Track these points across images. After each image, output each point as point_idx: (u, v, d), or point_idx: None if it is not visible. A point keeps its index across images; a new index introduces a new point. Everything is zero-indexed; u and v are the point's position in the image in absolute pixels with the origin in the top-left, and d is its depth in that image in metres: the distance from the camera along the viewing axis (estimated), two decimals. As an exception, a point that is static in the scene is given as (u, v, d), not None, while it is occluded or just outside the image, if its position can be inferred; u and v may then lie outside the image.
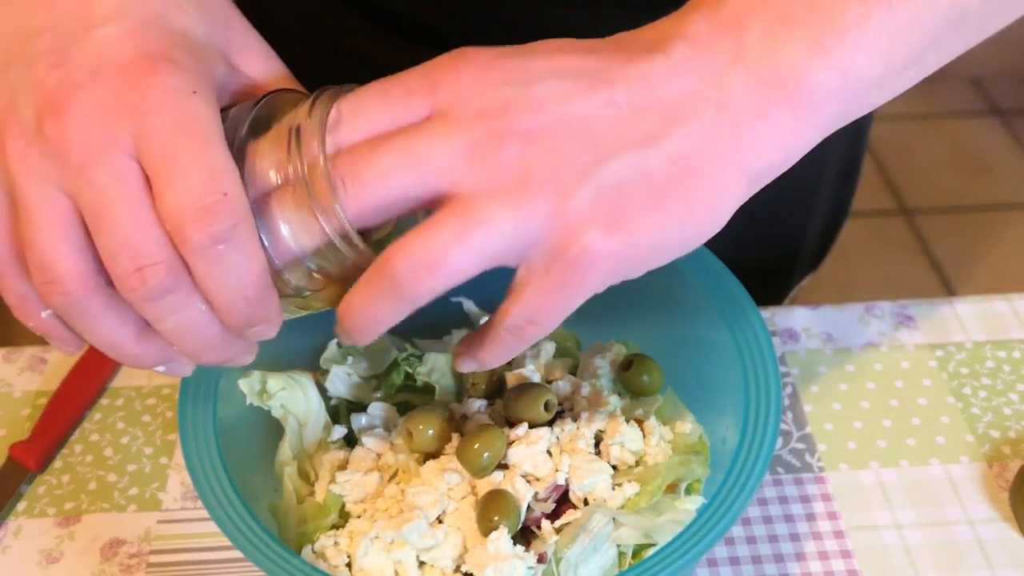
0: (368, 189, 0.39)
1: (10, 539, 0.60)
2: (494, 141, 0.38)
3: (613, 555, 0.50)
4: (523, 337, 0.42)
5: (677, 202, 0.39)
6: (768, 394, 0.51)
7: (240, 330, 0.41)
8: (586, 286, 0.40)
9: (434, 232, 0.38)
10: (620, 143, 0.39)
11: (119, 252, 0.38)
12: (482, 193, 0.38)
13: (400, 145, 0.39)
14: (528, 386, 0.55)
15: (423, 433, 0.53)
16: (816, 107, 0.40)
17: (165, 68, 0.39)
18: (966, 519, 0.60)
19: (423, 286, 0.39)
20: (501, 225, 0.38)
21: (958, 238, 2.01)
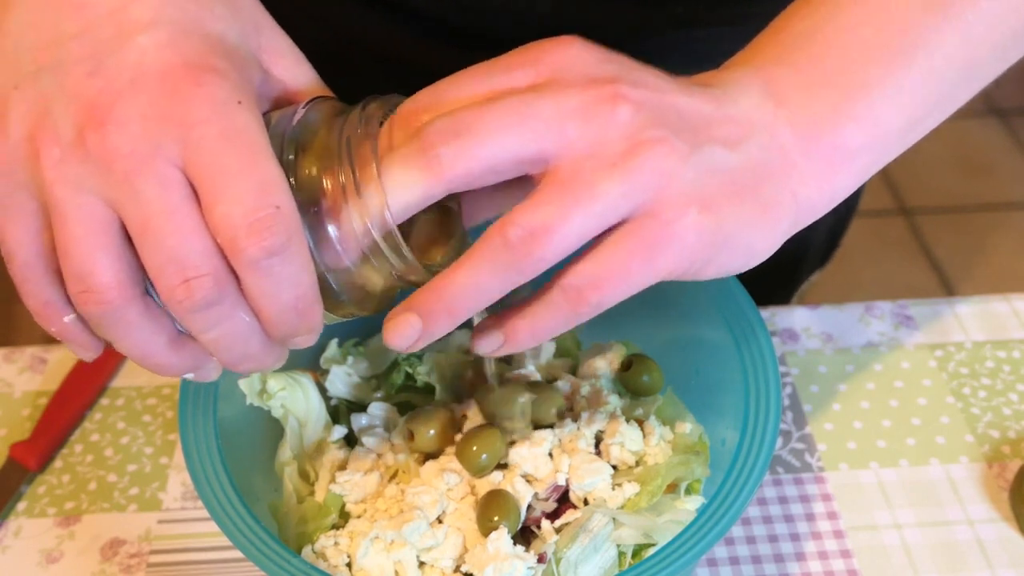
0: (476, 146, 0.38)
1: (10, 539, 0.60)
2: (608, 101, 0.39)
3: (613, 555, 0.50)
4: (578, 304, 0.40)
5: (755, 204, 0.41)
6: (768, 394, 0.51)
7: (284, 340, 0.41)
8: (669, 259, 0.40)
9: (544, 202, 0.38)
10: (709, 135, 0.40)
11: (166, 264, 0.38)
12: (592, 160, 0.38)
13: (510, 103, 0.39)
14: (541, 387, 0.55)
15: (424, 433, 0.53)
16: (849, 156, 0.43)
17: (209, 78, 0.38)
18: (966, 519, 0.60)
19: (532, 255, 0.38)
20: (610, 195, 0.38)
21: (958, 238, 2.01)
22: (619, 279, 0.40)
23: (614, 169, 0.38)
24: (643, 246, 0.39)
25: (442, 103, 0.40)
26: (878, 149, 0.43)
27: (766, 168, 0.41)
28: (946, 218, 2.06)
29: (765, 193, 0.41)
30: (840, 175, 0.43)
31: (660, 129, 0.39)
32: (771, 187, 0.41)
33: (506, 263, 0.39)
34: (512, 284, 0.39)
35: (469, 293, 0.40)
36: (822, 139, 0.42)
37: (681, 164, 0.39)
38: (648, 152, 0.39)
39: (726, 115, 0.41)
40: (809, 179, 0.42)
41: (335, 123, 0.41)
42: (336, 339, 0.60)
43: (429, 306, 0.41)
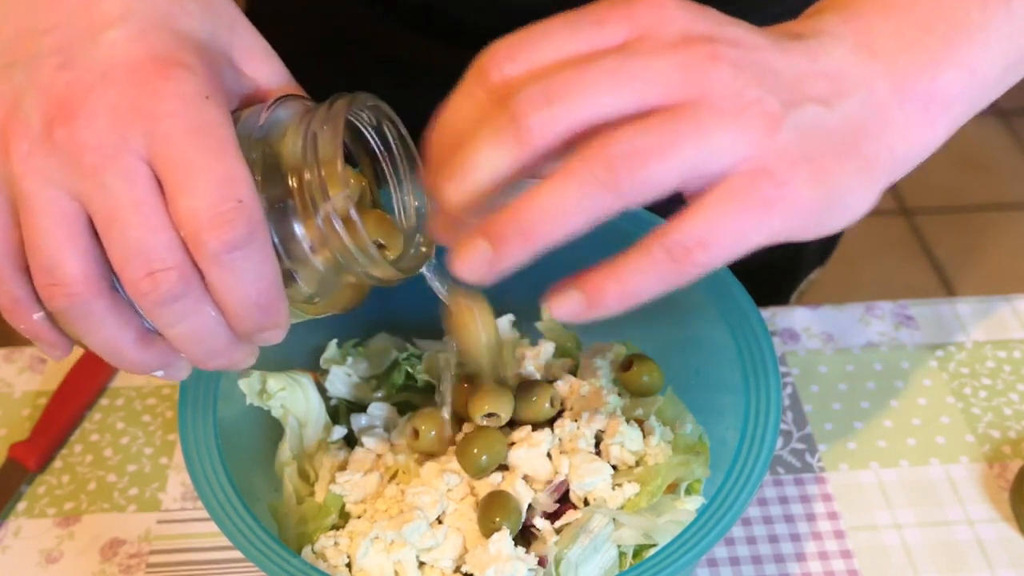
0: (577, 108, 0.36)
1: (10, 539, 0.60)
2: (707, 59, 0.37)
3: (613, 556, 0.50)
4: (684, 263, 0.37)
5: (856, 162, 0.40)
6: (768, 394, 0.51)
7: (249, 335, 0.41)
8: (784, 218, 0.38)
9: (654, 127, 0.36)
10: (805, 95, 0.39)
11: (131, 256, 0.38)
12: (700, 104, 0.37)
13: (608, 63, 0.37)
14: (531, 383, 0.55)
15: (427, 433, 0.53)
16: (947, 105, 0.41)
17: (177, 72, 0.39)
18: (966, 519, 0.60)
19: (635, 176, 0.36)
20: (720, 135, 0.37)
21: (958, 238, 2.01)
22: (732, 237, 0.37)
23: (723, 115, 0.37)
24: (758, 203, 0.37)
25: (527, 58, 0.38)
26: (975, 96, 0.42)
27: (864, 125, 0.40)
28: (946, 218, 2.06)
29: (865, 151, 0.40)
30: (937, 124, 0.42)
31: (759, 89, 0.38)
32: (870, 144, 0.40)
33: (606, 181, 0.36)
34: (607, 209, 0.36)
35: (554, 213, 0.36)
36: (919, 89, 0.41)
37: (782, 122, 0.38)
38: (751, 109, 0.37)
39: (821, 70, 0.40)
40: (906, 131, 0.41)
41: (303, 120, 0.41)
42: (336, 339, 0.60)
43: (502, 229, 0.37)
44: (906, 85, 0.41)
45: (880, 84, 0.40)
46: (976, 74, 0.42)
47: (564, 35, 0.38)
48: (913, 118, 0.41)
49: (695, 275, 0.37)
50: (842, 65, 0.40)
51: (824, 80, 0.40)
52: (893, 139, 0.41)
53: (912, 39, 0.41)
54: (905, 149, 0.41)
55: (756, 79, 0.38)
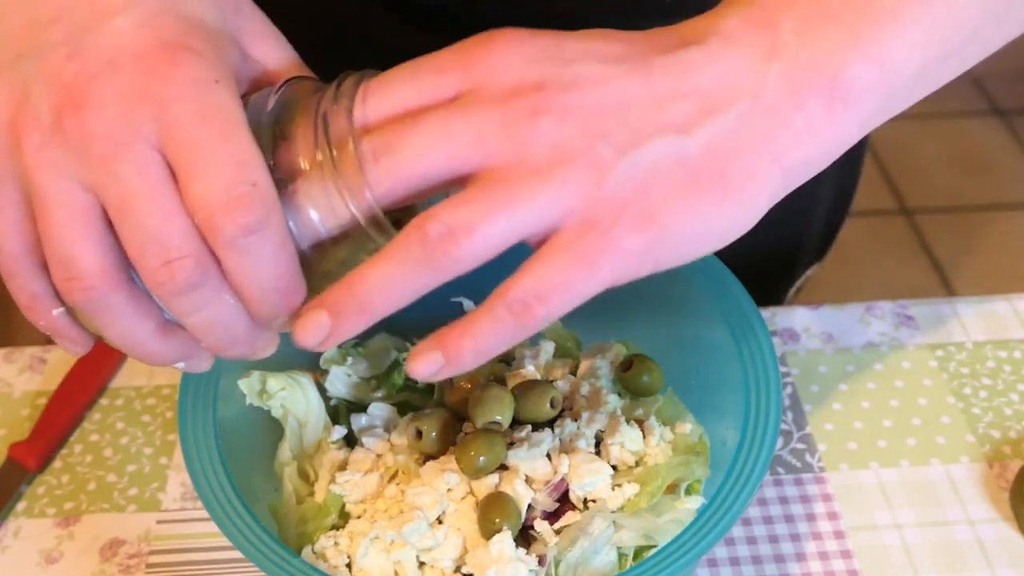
0: (400, 164, 0.38)
1: (10, 539, 0.60)
2: (529, 115, 0.37)
3: (613, 558, 0.50)
4: (524, 318, 0.38)
5: (713, 190, 0.38)
6: (768, 394, 0.50)
7: (269, 321, 0.40)
8: (614, 266, 0.38)
9: (467, 202, 0.37)
10: (657, 126, 0.38)
11: (146, 246, 0.37)
12: (516, 167, 0.37)
13: (433, 120, 0.38)
14: (533, 383, 0.55)
15: (429, 433, 0.53)
16: (853, 100, 0.39)
17: (185, 58, 0.38)
18: (966, 519, 0.60)
19: (450, 254, 0.37)
20: (536, 199, 0.37)
21: (958, 238, 2.01)
22: (564, 291, 0.38)
23: (539, 175, 0.37)
24: (582, 256, 0.38)
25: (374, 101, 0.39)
26: (886, 93, 0.40)
27: (736, 141, 0.38)
28: (946, 218, 2.06)
29: (732, 171, 0.38)
30: (841, 123, 0.39)
31: (586, 138, 0.37)
32: (743, 162, 0.39)
33: (422, 260, 0.37)
34: (426, 285, 0.38)
35: (381, 290, 0.38)
36: (820, 85, 0.39)
37: (611, 169, 0.37)
38: (574, 162, 0.37)
39: (691, 89, 0.38)
40: (803, 135, 0.39)
41: (312, 101, 0.41)
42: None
43: (340, 303, 0.39)
44: (806, 83, 0.39)
45: (773, 87, 0.39)
46: (887, 67, 0.39)
47: (408, 82, 0.39)
48: (814, 118, 0.39)
49: (537, 327, 0.38)
50: (723, 76, 0.39)
51: (690, 100, 0.38)
52: (781, 148, 0.39)
53: (815, 32, 0.39)
54: (801, 154, 0.39)
55: (585, 126, 0.37)
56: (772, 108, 0.39)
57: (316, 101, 0.40)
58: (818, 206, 0.83)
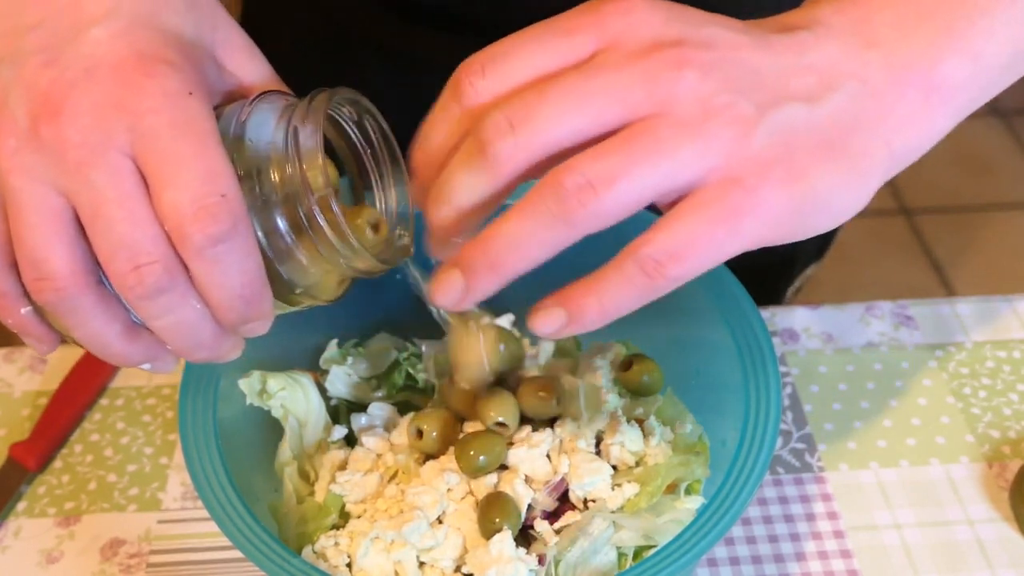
0: (539, 133, 0.37)
1: (10, 539, 0.60)
2: (673, 67, 0.37)
3: (613, 558, 0.50)
4: (656, 277, 0.37)
5: (842, 159, 0.39)
6: (768, 394, 0.51)
7: (234, 327, 0.41)
8: (756, 225, 0.37)
9: (608, 153, 0.36)
10: (787, 93, 0.38)
11: (117, 251, 0.38)
12: (661, 119, 0.37)
13: (572, 84, 0.37)
14: (536, 378, 0.55)
15: (430, 433, 0.53)
16: (948, 94, 0.40)
17: (160, 69, 0.39)
18: (966, 519, 0.60)
19: (588, 207, 0.36)
20: (681, 152, 0.36)
21: (958, 238, 2.01)
22: (704, 249, 0.37)
23: (684, 128, 0.36)
24: (727, 213, 0.37)
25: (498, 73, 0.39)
26: (980, 84, 0.41)
27: (855, 119, 0.39)
28: (946, 218, 2.06)
29: (854, 147, 0.39)
30: (940, 114, 0.40)
31: (730, 94, 0.37)
32: (861, 139, 0.39)
33: (558, 214, 0.36)
34: (561, 240, 0.37)
35: (514, 246, 0.37)
36: (919, 78, 0.40)
37: (755, 126, 0.37)
38: (719, 116, 0.37)
39: (809, 64, 0.39)
40: (906, 122, 0.40)
41: (284, 115, 0.42)
42: (336, 339, 0.60)
43: (472, 260, 0.38)
44: (905, 75, 0.40)
45: (877, 75, 0.40)
46: (979, 62, 0.40)
47: (535, 47, 0.39)
48: (913, 108, 0.40)
49: (669, 287, 0.38)
50: (834, 57, 0.39)
51: (811, 74, 0.39)
52: (890, 132, 0.40)
53: (912, 27, 0.40)
54: (904, 141, 0.40)
55: (727, 82, 0.37)
56: (878, 93, 0.39)
57: (288, 115, 0.41)
58: None
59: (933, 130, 0.41)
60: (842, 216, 0.40)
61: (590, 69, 0.37)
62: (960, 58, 0.40)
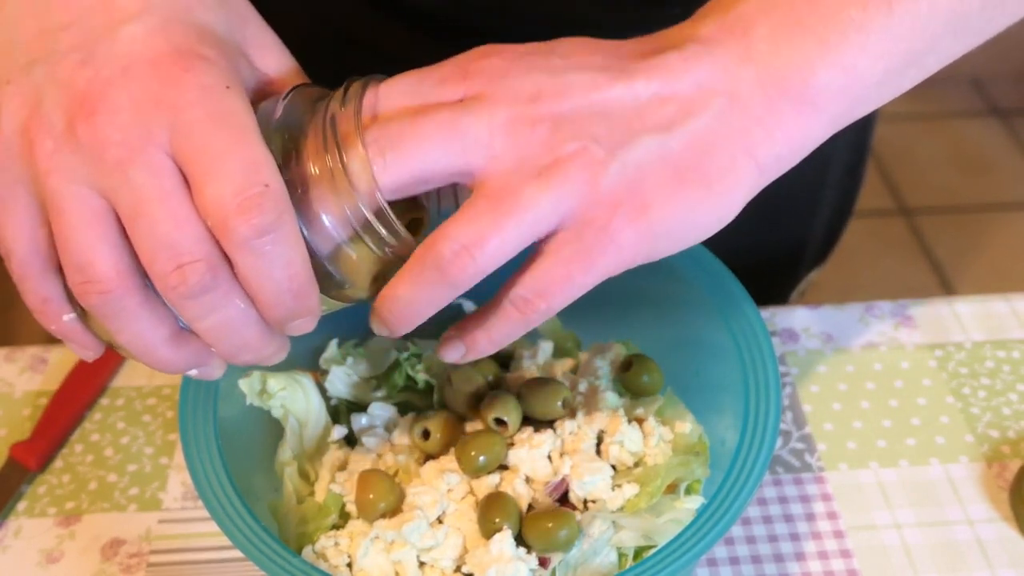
0: (407, 158, 0.40)
1: (10, 539, 0.60)
2: (528, 122, 0.40)
3: (613, 558, 0.50)
4: (527, 312, 0.42)
5: (697, 183, 0.41)
6: (768, 394, 0.51)
7: (281, 324, 0.41)
8: (609, 260, 0.41)
9: (475, 216, 0.40)
10: (641, 128, 0.41)
11: (158, 250, 0.38)
12: (518, 174, 0.40)
13: (441, 118, 0.40)
14: (543, 381, 0.55)
15: (435, 434, 0.53)
16: (821, 104, 0.42)
17: (197, 64, 0.39)
18: (966, 519, 0.60)
19: (467, 270, 0.40)
20: (539, 205, 0.40)
21: (958, 238, 2.01)
22: (563, 286, 0.41)
23: (539, 179, 0.39)
24: (580, 252, 0.40)
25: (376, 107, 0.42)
26: (853, 96, 0.43)
27: (715, 137, 0.41)
28: (946, 218, 2.06)
29: (713, 166, 0.41)
30: (810, 123, 0.42)
31: (579, 140, 0.40)
32: (720, 158, 0.41)
33: (441, 280, 0.40)
34: (448, 298, 0.41)
35: (410, 307, 0.42)
36: (791, 89, 0.41)
37: (605, 167, 0.40)
38: (568, 164, 0.39)
39: (671, 93, 0.41)
40: (775, 132, 0.42)
41: (319, 106, 0.41)
42: (336, 339, 0.60)
43: (381, 315, 0.43)
44: (777, 87, 0.41)
45: (748, 89, 0.41)
46: (851, 74, 0.42)
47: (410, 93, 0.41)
48: (785, 119, 0.42)
49: (541, 319, 0.42)
50: (702, 77, 0.41)
51: (670, 104, 0.41)
52: (755, 144, 0.42)
53: (786, 39, 0.41)
54: (773, 151, 0.42)
55: (579, 128, 0.40)
56: (746, 108, 0.41)
57: (324, 106, 0.41)
58: (821, 211, 0.83)
59: (807, 139, 0.43)
60: (707, 230, 0.43)
61: (458, 108, 0.40)
62: (833, 71, 0.41)
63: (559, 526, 0.49)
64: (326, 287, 0.42)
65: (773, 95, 0.41)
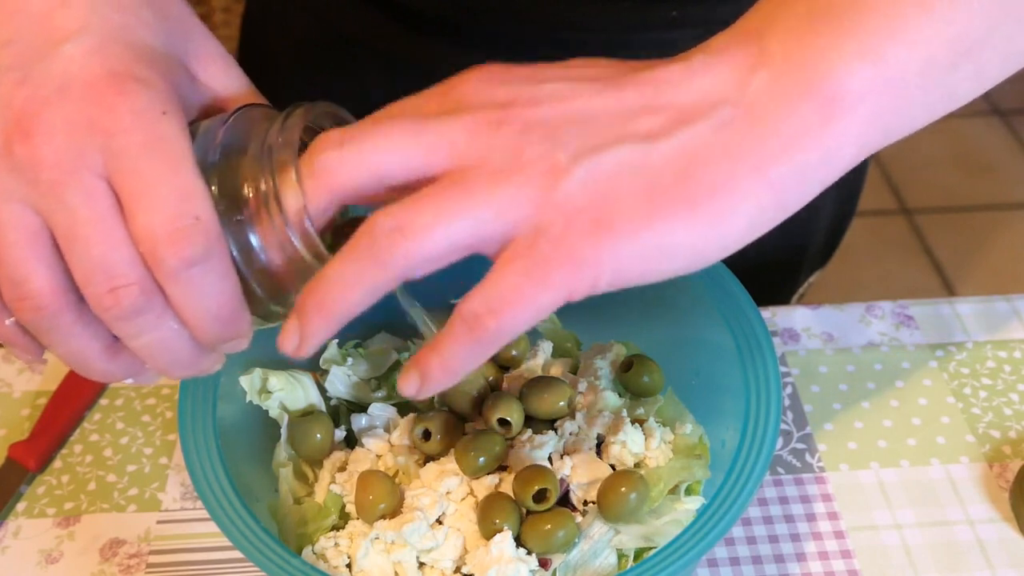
0: (367, 155, 0.38)
1: (10, 539, 0.60)
2: (494, 123, 0.37)
3: (613, 560, 0.50)
4: (477, 331, 0.37)
5: (678, 202, 0.36)
6: (768, 394, 0.50)
7: (212, 346, 0.41)
8: (566, 276, 0.36)
9: (419, 200, 0.37)
10: (620, 134, 0.37)
11: (93, 272, 0.38)
12: (474, 171, 0.37)
13: (403, 120, 0.38)
14: (547, 380, 0.55)
15: (436, 435, 0.53)
16: (849, 103, 0.37)
17: (132, 88, 0.39)
18: (966, 519, 0.60)
19: (399, 251, 0.36)
20: (486, 198, 0.36)
21: (958, 238, 2.01)
22: (514, 301, 0.36)
23: (494, 177, 0.37)
24: (533, 265, 0.36)
25: None
26: (889, 93, 0.37)
27: (709, 151, 0.36)
28: (946, 218, 2.06)
29: (702, 183, 0.36)
30: (841, 126, 0.37)
31: (544, 144, 0.37)
32: (713, 173, 0.36)
33: (370, 257, 0.37)
34: (377, 283, 0.37)
35: (337, 287, 0.38)
36: (811, 86, 0.36)
37: (565, 174, 0.36)
38: (530, 167, 0.36)
39: (664, 103, 0.37)
40: (794, 143, 0.36)
41: (260, 130, 0.41)
42: (336, 340, 0.60)
43: (304, 304, 0.39)
44: (795, 86, 0.37)
45: (758, 94, 0.37)
46: (881, 65, 0.36)
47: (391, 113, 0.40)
48: (806, 123, 0.36)
49: (495, 342, 0.37)
50: (705, 87, 0.37)
51: (659, 113, 0.37)
52: (766, 159, 0.36)
53: (805, 35, 0.37)
54: (794, 163, 0.37)
55: (545, 133, 0.37)
56: (755, 116, 0.37)
57: (264, 131, 0.41)
58: (821, 213, 0.83)
59: (833, 146, 0.37)
60: (695, 257, 0.37)
61: (425, 118, 0.38)
62: (858, 61, 0.36)
63: (557, 527, 0.49)
64: (259, 309, 0.42)
65: (790, 97, 0.36)
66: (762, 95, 0.37)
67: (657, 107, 0.37)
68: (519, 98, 0.38)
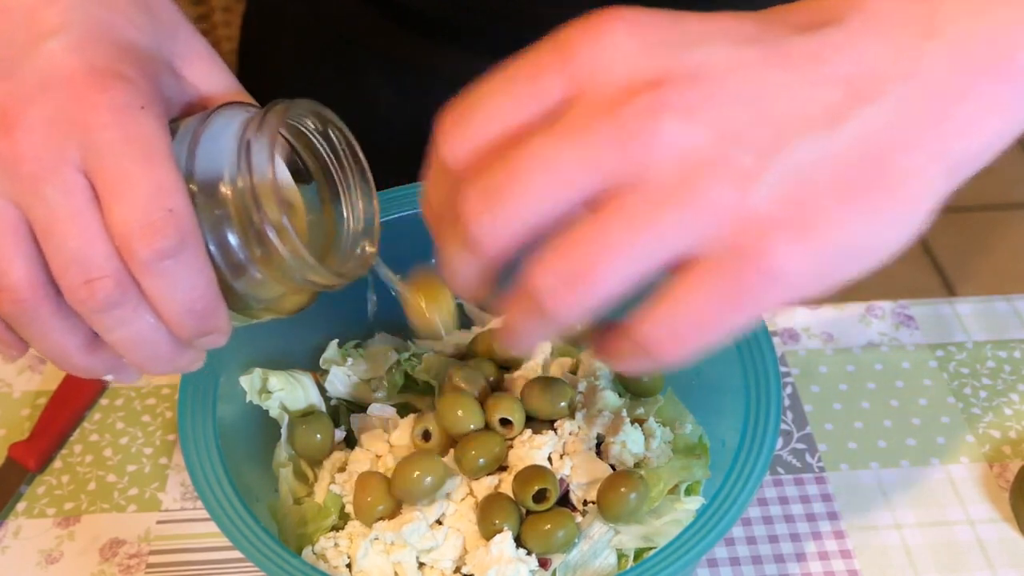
0: (515, 215, 0.33)
1: (10, 539, 0.60)
2: (648, 119, 0.32)
3: (613, 560, 0.50)
4: (656, 356, 0.34)
5: (872, 194, 0.33)
6: (768, 394, 0.50)
7: (189, 340, 0.41)
8: (770, 296, 0.33)
9: (577, 245, 0.33)
10: (801, 121, 0.32)
11: (68, 265, 0.38)
12: (639, 187, 0.32)
13: (537, 154, 0.33)
14: (549, 380, 0.55)
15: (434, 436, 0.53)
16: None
17: (113, 84, 0.39)
18: (966, 519, 0.60)
19: (566, 307, 0.33)
20: (663, 229, 0.32)
21: (958, 238, 2.01)
22: (704, 329, 0.33)
23: (665, 197, 0.32)
24: (731, 289, 0.32)
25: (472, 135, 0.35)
26: None
27: (893, 132, 0.33)
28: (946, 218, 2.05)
29: (891, 170, 0.33)
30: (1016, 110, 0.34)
31: (721, 143, 0.32)
32: (901, 158, 0.33)
33: (541, 315, 0.34)
34: (554, 333, 0.35)
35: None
36: (994, 64, 0.33)
37: (755, 180, 0.32)
38: (709, 176, 0.32)
39: (835, 75, 0.32)
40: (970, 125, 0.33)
41: (240, 127, 0.41)
42: (336, 340, 0.60)
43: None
44: (975, 62, 0.33)
45: (933, 67, 0.33)
46: None
47: (502, 100, 0.35)
48: (983, 104, 0.33)
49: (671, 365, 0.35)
50: (872, 59, 0.33)
51: (835, 87, 0.32)
52: (947, 138, 0.33)
53: (984, 5, 0.33)
54: (970, 146, 0.34)
55: (718, 125, 0.32)
56: (931, 93, 0.33)
57: (243, 128, 0.41)
58: None
59: (1009, 126, 0.34)
60: (886, 252, 0.34)
61: (555, 136, 0.33)
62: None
63: (557, 527, 0.49)
64: (237, 305, 0.42)
65: (969, 73, 0.33)
66: (936, 69, 0.33)
67: (829, 78, 0.33)
68: (670, 72, 0.32)
